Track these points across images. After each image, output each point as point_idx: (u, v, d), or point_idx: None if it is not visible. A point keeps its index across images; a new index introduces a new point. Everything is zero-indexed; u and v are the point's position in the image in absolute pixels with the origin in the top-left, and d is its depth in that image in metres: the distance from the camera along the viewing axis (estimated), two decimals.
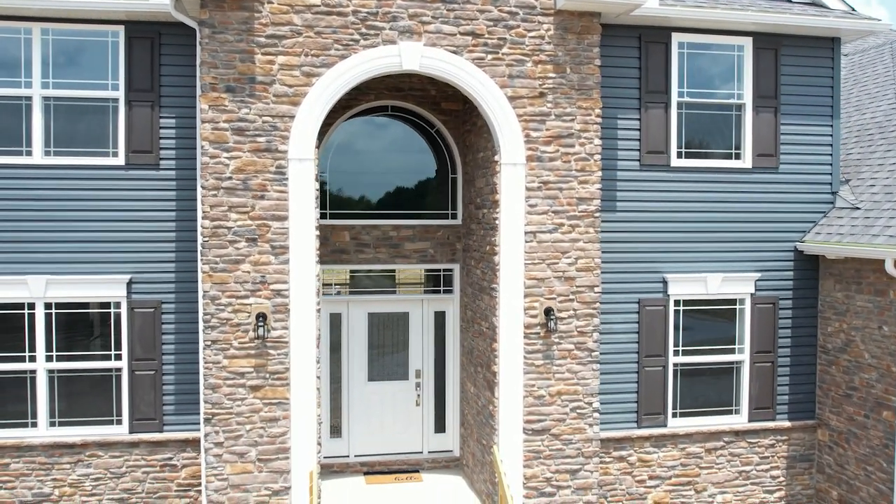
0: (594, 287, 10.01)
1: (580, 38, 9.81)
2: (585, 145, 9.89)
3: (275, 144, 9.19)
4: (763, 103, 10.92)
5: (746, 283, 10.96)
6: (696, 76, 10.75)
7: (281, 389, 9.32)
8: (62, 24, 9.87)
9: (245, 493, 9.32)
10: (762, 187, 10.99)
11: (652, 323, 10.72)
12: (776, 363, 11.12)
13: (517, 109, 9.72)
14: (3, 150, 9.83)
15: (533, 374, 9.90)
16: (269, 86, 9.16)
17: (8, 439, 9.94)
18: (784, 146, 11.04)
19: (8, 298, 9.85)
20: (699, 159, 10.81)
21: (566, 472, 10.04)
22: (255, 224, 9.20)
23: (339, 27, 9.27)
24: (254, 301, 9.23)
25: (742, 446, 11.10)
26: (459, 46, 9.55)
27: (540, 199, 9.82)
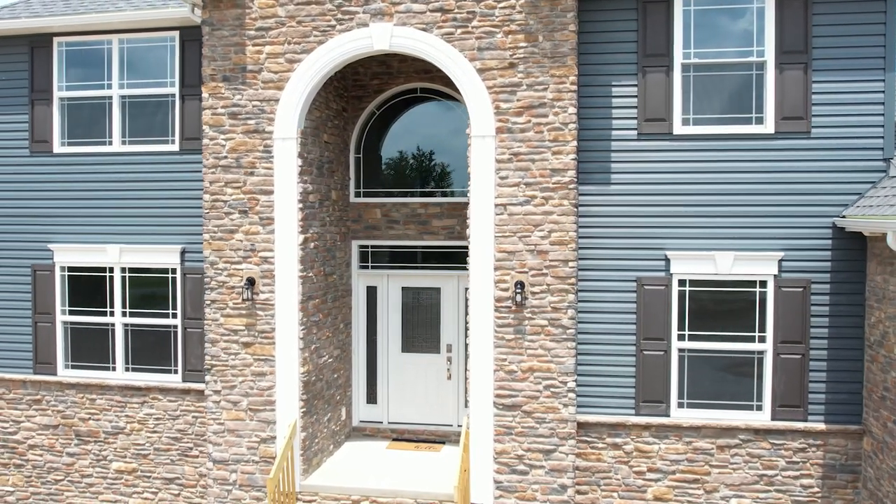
0: (568, 262, 9.65)
1: (553, 4, 9.55)
2: (559, 115, 9.59)
3: (262, 126, 10.23)
4: (789, 59, 9.62)
5: (767, 264, 9.74)
6: (705, 34, 9.80)
7: (268, 347, 10.32)
8: (132, 34, 11.80)
9: (239, 438, 10.46)
10: (788, 155, 9.68)
11: (652, 303, 9.98)
12: (808, 356, 9.72)
13: (486, 81, 9.73)
14: (91, 140, 12.00)
15: (504, 349, 9.82)
16: (257, 73, 10.21)
17: (93, 379, 12.09)
18: (818, 107, 9.62)
19: (91, 263, 12.00)
20: (709, 126, 9.83)
21: (539, 451, 9.80)
22: (246, 197, 10.31)
23: (317, 15, 10.05)
24: (245, 267, 10.34)
25: (763, 447, 9.86)
26: (429, 23, 9.82)
27: (511, 171, 9.73)
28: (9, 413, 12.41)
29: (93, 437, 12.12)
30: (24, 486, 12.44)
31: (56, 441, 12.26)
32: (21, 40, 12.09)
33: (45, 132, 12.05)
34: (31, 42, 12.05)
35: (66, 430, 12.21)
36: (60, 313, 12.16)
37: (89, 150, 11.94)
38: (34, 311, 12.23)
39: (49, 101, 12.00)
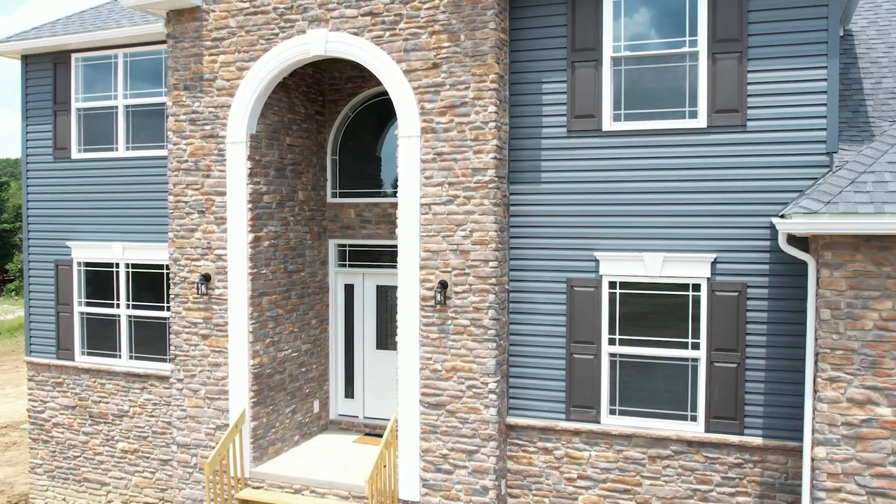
0: (489, 262, 9.58)
1: (475, 2, 9.51)
2: (480, 113, 9.55)
3: (217, 131, 10.84)
4: (723, 48, 9.05)
5: (699, 266, 9.20)
6: (636, 26, 9.40)
7: (222, 340, 10.94)
8: (134, 48, 12.80)
9: (198, 424, 11.15)
10: (722, 150, 9.10)
11: (582, 306, 9.69)
12: (743, 365, 9.09)
13: (412, 82, 9.84)
14: (102, 146, 13.12)
15: (429, 347, 9.89)
16: (212, 81, 10.84)
17: (103, 365, 13.22)
18: (754, 98, 8.98)
19: (100, 259, 13.13)
20: (640, 121, 9.42)
21: (462, 451, 9.79)
22: (203, 198, 10.97)
23: (262, 24, 10.54)
24: (203, 263, 11.01)
25: (697, 460, 9.32)
26: (360, 27, 10.05)
27: (435, 171, 9.78)
28: (38, 394, 13.80)
29: (103, 419, 13.25)
30: (50, 460, 13.79)
31: (74, 421, 13.50)
32: (46, 57, 13.42)
33: (66, 140, 13.31)
34: (54, 59, 13.36)
35: (81, 412, 13.42)
36: (77, 304, 13.39)
37: (100, 156, 13.07)
38: (57, 302, 13.53)
39: (68, 111, 13.25)
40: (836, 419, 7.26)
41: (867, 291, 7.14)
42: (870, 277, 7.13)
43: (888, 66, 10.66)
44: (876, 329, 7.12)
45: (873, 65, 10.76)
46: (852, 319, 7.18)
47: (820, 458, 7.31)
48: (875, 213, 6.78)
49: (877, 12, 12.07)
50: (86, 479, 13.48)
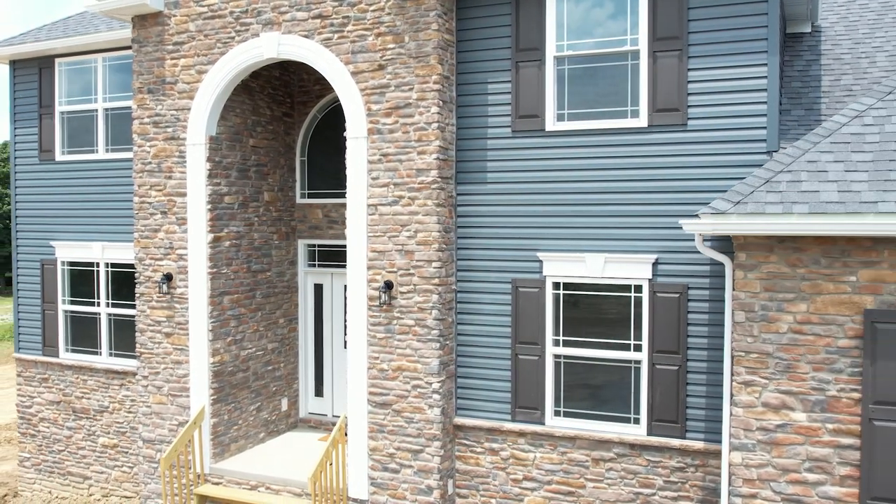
0: (432, 262, 9.61)
1: (418, 3, 9.55)
2: (424, 114, 9.58)
3: (178, 133, 11.05)
4: (663, 46, 8.94)
5: (640, 266, 9.10)
6: (579, 24, 9.33)
7: (183, 338, 11.15)
8: (112, 52, 13.10)
9: (162, 420, 11.38)
10: (663, 149, 8.99)
11: (527, 306, 9.66)
12: (685, 367, 8.97)
13: (360, 84, 9.92)
14: (83, 149, 13.47)
15: (376, 347, 9.95)
16: (174, 85, 11.06)
17: (85, 362, 13.56)
18: (695, 97, 8.85)
19: (82, 258, 13.47)
20: (582, 121, 9.35)
21: (408, 451, 9.84)
22: (166, 199, 11.19)
23: (220, 28, 10.71)
24: (166, 263, 11.23)
25: (640, 463, 9.22)
26: (311, 30, 10.16)
27: (381, 172, 9.84)
28: (25, 389, 14.21)
29: (85, 414, 13.59)
30: (37, 454, 14.19)
31: (59, 415, 13.87)
32: (32, 62, 13.81)
33: (50, 142, 13.68)
34: (39, 63, 13.73)
35: (66, 407, 13.78)
36: (62, 303, 13.75)
37: (82, 158, 13.41)
38: (42, 301, 13.92)
39: (52, 114, 13.62)
40: (751, 424, 7.14)
41: (782, 293, 7.00)
42: (784, 279, 6.99)
43: (850, 63, 10.40)
44: (791, 332, 6.98)
45: (836, 61, 10.51)
46: (767, 322, 7.05)
47: (736, 464, 7.20)
48: (783, 214, 6.65)
49: (849, 8, 11.78)
50: (69, 473, 13.84)
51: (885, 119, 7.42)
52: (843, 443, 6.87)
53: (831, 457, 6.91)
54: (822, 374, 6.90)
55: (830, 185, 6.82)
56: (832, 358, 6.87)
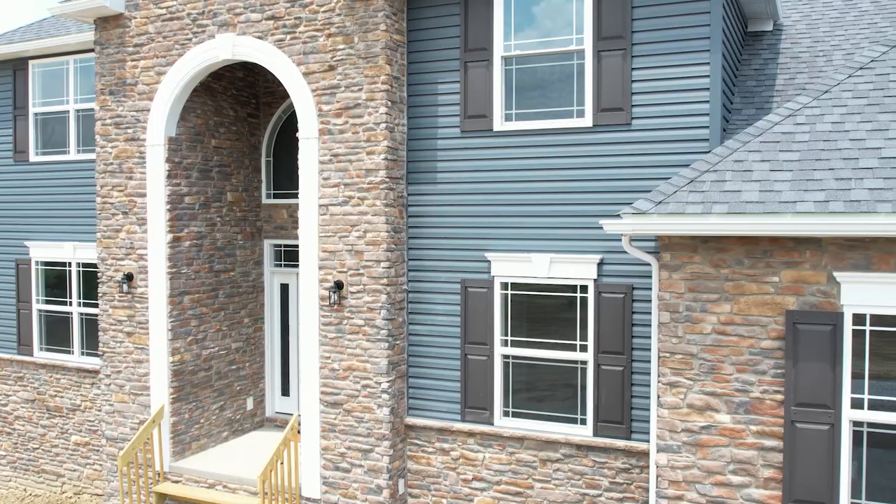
0: (381, 262, 9.63)
1: (367, 4, 9.57)
2: (373, 115, 9.60)
3: (138, 134, 11.14)
4: (608, 46, 8.90)
5: (586, 267, 9.07)
6: (526, 24, 9.32)
7: (144, 337, 11.23)
8: (83, 54, 13.23)
9: (124, 419, 11.47)
10: (607, 149, 8.95)
11: (476, 307, 9.66)
12: (630, 368, 8.93)
13: (311, 85, 9.95)
14: (56, 150, 13.60)
15: (328, 347, 9.99)
16: (134, 86, 11.14)
17: (58, 360, 13.70)
18: (639, 96, 8.81)
19: (54, 258, 13.60)
20: (529, 121, 9.33)
21: (358, 450, 9.86)
22: (127, 200, 11.28)
23: (178, 29, 10.78)
24: (127, 263, 11.32)
25: (586, 464, 9.19)
26: (264, 31, 10.21)
27: (332, 172, 9.88)
28: (1, 387, 14.37)
29: (58, 413, 13.73)
30: (13, 452, 14.34)
31: (33, 413, 14.02)
32: (7, 64, 13.96)
33: (25, 143, 13.83)
34: (13, 65, 13.88)
35: (40, 405, 13.93)
36: (35, 302, 13.89)
37: (54, 159, 13.55)
38: (17, 300, 14.07)
39: (26, 115, 13.76)
40: (676, 425, 7.10)
41: (706, 294, 6.96)
42: (708, 280, 6.95)
43: (807, 62, 10.31)
44: (714, 333, 6.94)
45: (793, 60, 10.42)
46: (691, 323, 7.01)
47: (662, 465, 7.16)
48: (702, 214, 6.61)
49: (812, 6, 11.68)
50: (43, 471, 13.98)
51: (817, 118, 7.36)
52: (766, 445, 6.82)
53: (755, 459, 6.86)
54: (745, 375, 6.85)
55: (753, 184, 6.77)
56: (755, 359, 6.82)
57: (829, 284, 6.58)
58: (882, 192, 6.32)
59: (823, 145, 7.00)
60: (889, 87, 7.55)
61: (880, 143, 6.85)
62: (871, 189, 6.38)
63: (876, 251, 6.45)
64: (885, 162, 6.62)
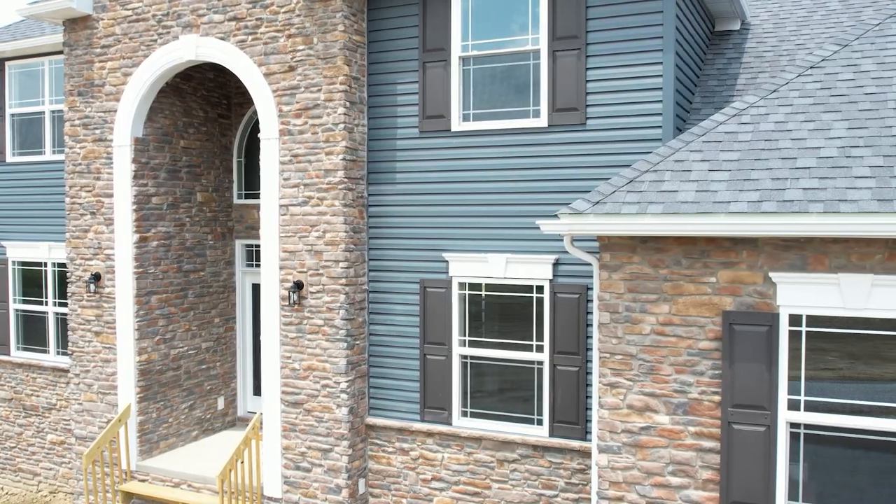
0: (339, 262, 9.64)
1: (326, 5, 9.59)
2: (331, 115, 9.62)
3: (105, 135, 11.20)
4: (563, 46, 8.89)
5: (541, 267, 9.06)
6: (484, 24, 9.31)
7: (111, 336, 11.28)
8: (57, 55, 13.30)
9: (93, 418, 11.53)
10: (563, 149, 8.94)
11: (434, 307, 9.66)
12: (585, 368, 8.91)
13: (272, 85, 9.98)
14: (30, 150, 13.67)
15: (288, 347, 10.01)
16: (101, 87, 11.20)
17: (34, 360, 13.78)
18: (593, 96, 8.80)
19: (31, 258, 13.68)
20: (486, 121, 9.33)
21: (318, 450, 9.88)
22: (95, 200, 11.33)
23: (143, 31, 10.83)
24: (95, 263, 11.38)
25: (542, 465, 9.18)
26: (227, 32, 10.24)
27: (292, 172, 9.90)
28: None
29: (35, 412, 13.81)
30: None
31: (10, 413, 14.10)
32: None
33: (2, 144, 13.91)
34: None
35: (16, 404, 14.01)
36: (13, 301, 13.98)
37: (30, 159, 13.63)
38: None
39: (3, 116, 13.85)
40: (616, 426, 7.08)
41: (645, 294, 6.94)
42: (647, 280, 6.93)
43: (770, 61, 10.26)
44: (653, 334, 6.92)
45: (757, 59, 10.37)
46: (630, 323, 6.99)
47: (602, 466, 7.14)
48: (637, 214, 6.59)
49: (782, 5, 11.63)
50: (20, 469, 14.06)
51: (762, 118, 7.33)
52: (704, 446, 6.79)
53: (694, 460, 6.83)
54: (684, 376, 6.83)
55: (691, 184, 6.75)
56: (694, 360, 6.79)
57: (766, 285, 6.55)
58: (816, 191, 6.29)
59: (764, 145, 6.97)
60: (836, 87, 7.51)
61: (821, 142, 6.82)
62: (805, 189, 6.35)
63: (811, 251, 6.42)
64: (822, 161, 6.59)
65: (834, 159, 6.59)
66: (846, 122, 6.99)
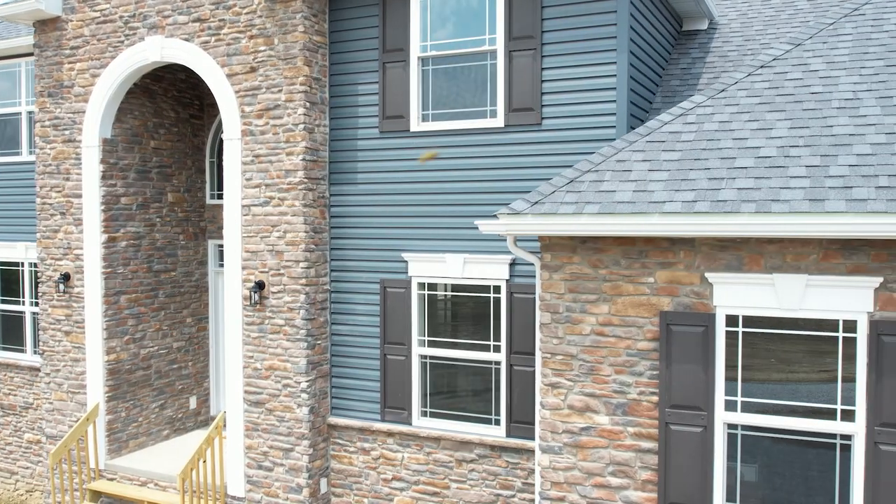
0: (300, 262, 9.67)
1: (286, 6, 9.62)
2: (291, 116, 9.65)
3: (74, 135, 11.26)
4: (519, 46, 8.89)
5: (498, 267, 9.06)
6: (443, 24, 9.32)
7: (81, 336, 11.35)
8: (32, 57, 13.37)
9: (63, 417, 11.60)
10: (519, 149, 8.94)
11: (394, 307, 9.67)
12: None
13: (234, 86, 10.02)
14: (5, 151, 13.76)
15: (251, 346, 10.05)
16: (71, 88, 11.26)
17: (11, 359, 13.87)
18: (549, 96, 8.79)
19: (8, 258, 13.78)
20: (445, 121, 9.34)
21: (280, 449, 9.91)
22: (64, 200, 11.40)
23: (111, 32, 10.89)
24: (65, 263, 11.45)
25: (499, 465, 9.18)
26: (191, 33, 10.29)
27: (254, 173, 9.94)
28: None
29: (12, 411, 13.89)
30: None
31: None
32: None
33: None
34: None
35: None
36: None
37: (8, 160, 13.71)
38: None
39: None
40: (557, 426, 7.08)
41: (585, 295, 6.93)
42: (587, 280, 6.92)
43: (734, 61, 10.23)
44: (594, 334, 6.91)
45: (721, 59, 10.34)
46: (571, 324, 6.99)
47: (544, 466, 7.14)
48: (574, 214, 6.58)
49: (751, 4, 11.58)
50: None
51: (707, 117, 7.31)
52: (643, 447, 6.78)
53: (633, 461, 6.82)
54: (623, 376, 6.82)
55: (629, 184, 6.74)
56: (633, 360, 6.78)
57: (703, 285, 6.54)
58: (750, 191, 6.27)
59: (706, 144, 6.96)
60: (784, 86, 7.49)
61: (761, 142, 6.80)
62: (740, 189, 6.33)
63: (748, 252, 6.40)
64: (760, 161, 6.57)
65: (772, 159, 6.57)
66: (789, 122, 6.97)
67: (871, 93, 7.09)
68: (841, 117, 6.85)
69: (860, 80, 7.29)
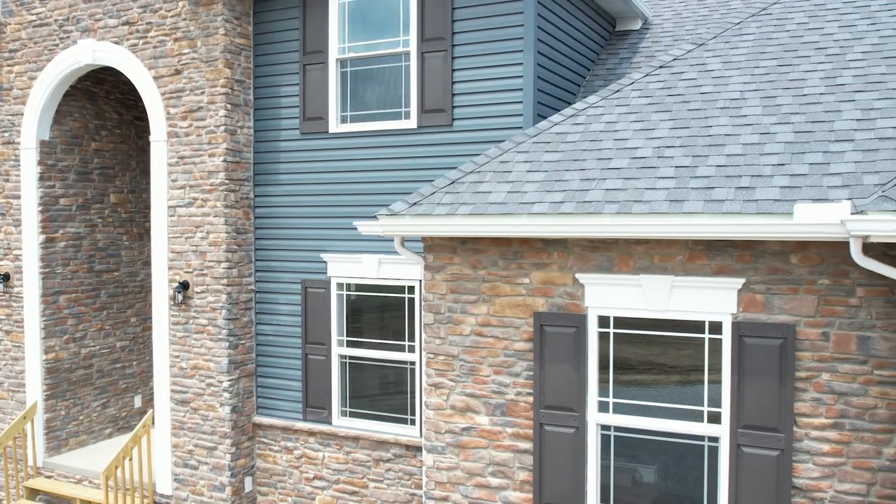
0: (221, 263, 9.75)
1: (208, 9, 9.71)
2: (213, 117, 9.73)
3: (13, 137, 11.41)
4: (431, 47, 8.92)
5: (411, 267, 9.09)
6: (360, 26, 9.36)
7: (20, 335, 11.49)
8: None
9: (3, 415, 11.75)
10: (432, 150, 8.96)
11: (315, 307, 9.73)
12: None
13: (161, 88, 10.12)
14: None
15: (177, 346, 10.14)
16: (9, 91, 11.41)
17: None
18: (460, 97, 8.81)
19: None
20: (362, 123, 9.38)
21: (204, 448, 10.00)
22: (4, 202, 11.55)
23: (46, 35, 11.03)
24: (5, 263, 11.59)
25: (414, 464, 9.21)
26: (121, 37, 10.40)
27: (179, 174, 10.03)
28: None
29: None
30: None
31: None
32: None
33: None
34: None
35: None
36: None
37: None
38: None
39: None
40: (440, 426, 7.11)
41: (465, 295, 6.96)
42: (467, 281, 6.94)
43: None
44: (473, 335, 6.93)
45: (647, 59, 10.31)
46: (452, 324, 7.01)
47: (429, 466, 7.17)
48: (447, 215, 6.61)
49: (686, 4, 11.54)
50: None
51: (595, 118, 7.31)
52: (521, 447, 6.79)
53: (511, 461, 6.84)
54: (501, 377, 6.84)
55: (506, 185, 6.76)
56: (510, 361, 6.80)
57: (575, 286, 6.55)
58: (617, 192, 6.27)
59: (588, 145, 6.96)
60: (677, 86, 7.48)
61: (640, 142, 6.80)
62: (608, 190, 6.33)
63: (617, 252, 6.40)
64: (634, 162, 6.57)
65: (646, 159, 6.56)
66: (672, 122, 6.96)
67: (758, 92, 7.06)
68: (722, 117, 6.84)
69: (750, 80, 7.27)
